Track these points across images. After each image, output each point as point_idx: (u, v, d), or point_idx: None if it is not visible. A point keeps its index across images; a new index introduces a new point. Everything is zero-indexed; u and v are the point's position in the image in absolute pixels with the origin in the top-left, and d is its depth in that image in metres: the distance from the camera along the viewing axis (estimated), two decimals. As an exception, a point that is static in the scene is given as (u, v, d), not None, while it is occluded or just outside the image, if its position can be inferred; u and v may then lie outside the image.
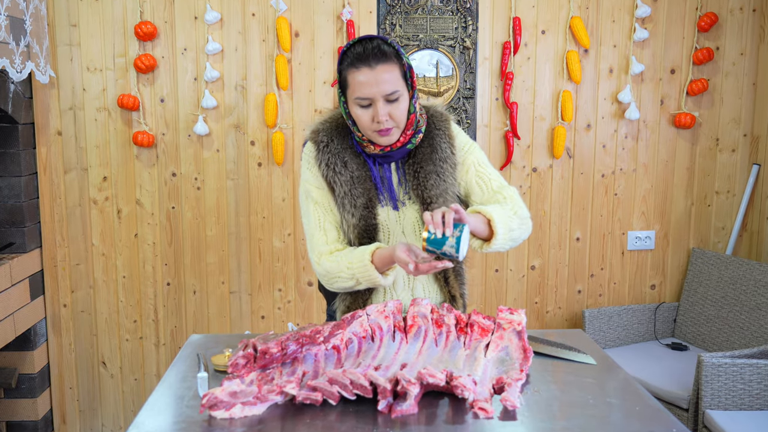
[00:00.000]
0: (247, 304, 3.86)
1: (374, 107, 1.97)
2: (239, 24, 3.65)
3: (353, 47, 1.98)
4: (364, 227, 2.08)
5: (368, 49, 1.96)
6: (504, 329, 1.98)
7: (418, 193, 2.11)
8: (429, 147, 2.12)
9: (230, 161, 3.74)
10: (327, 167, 2.07)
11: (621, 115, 3.83)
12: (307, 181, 2.14)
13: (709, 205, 3.95)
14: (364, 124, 2.00)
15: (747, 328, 3.53)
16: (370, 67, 1.94)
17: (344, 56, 1.99)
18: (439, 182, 2.11)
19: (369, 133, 2.02)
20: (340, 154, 2.08)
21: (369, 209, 2.08)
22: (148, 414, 1.69)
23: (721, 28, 3.79)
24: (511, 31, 3.71)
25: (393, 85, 1.96)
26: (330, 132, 2.10)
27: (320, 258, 2.09)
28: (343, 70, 1.99)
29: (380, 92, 1.95)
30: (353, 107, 2.00)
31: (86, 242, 3.76)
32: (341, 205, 2.08)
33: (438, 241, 1.82)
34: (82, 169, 3.70)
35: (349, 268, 2.01)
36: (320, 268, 2.09)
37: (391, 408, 1.65)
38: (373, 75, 1.94)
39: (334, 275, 2.06)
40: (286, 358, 1.86)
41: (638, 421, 1.66)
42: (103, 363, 3.86)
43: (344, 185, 2.07)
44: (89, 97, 3.66)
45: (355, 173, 2.08)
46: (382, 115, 1.96)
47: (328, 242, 2.10)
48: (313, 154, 2.11)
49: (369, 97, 1.96)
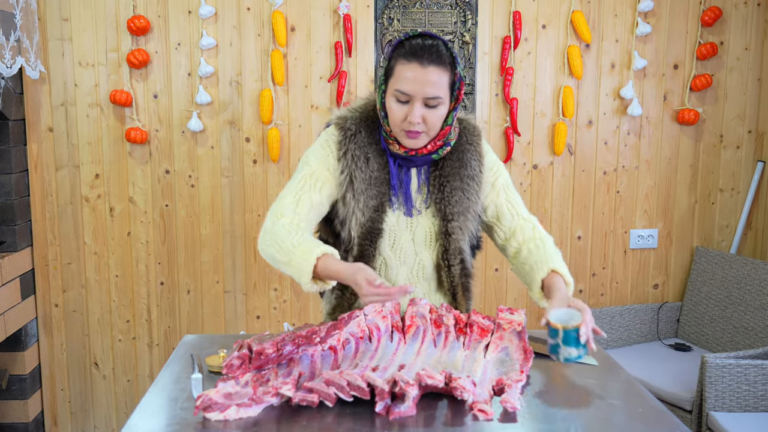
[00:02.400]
0: (242, 303, 3.86)
1: (411, 106, 1.93)
2: (234, 18, 3.65)
3: (412, 39, 1.95)
4: (369, 229, 2.06)
5: (426, 46, 1.92)
6: (504, 329, 1.98)
7: (440, 207, 2.09)
8: (458, 161, 2.10)
9: (225, 158, 3.74)
10: (352, 159, 2.04)
11: (623, 111, 3.83)
12: (316, 157, 2.08)
13: (713, 202, 3.95)
14: (396, 120, 1.97)
15: (751, 329, 3.53)
16: (422, 64, 1.90)
17: (400, 45, 1.95)
18: (463, 199, 2.10)
19: (397, 130, 1.99)
20: (364, 149, 2.05)
21: (379, 212, 2.06)
22: (141, 416, 1.69)
23: (726, 22, 3.79)
24: (511, 26, 3.71)
25: (437, 89, 1.93)
26: (359, 122, 2.07)
27: (279, 218, 1.99)
28: (394, 58, 1.96)
29: (422, 93, 1.91)
30: (390, 98, 1.96)
31: (78, 241, 3.75)
32: (355, 200, 2.04)
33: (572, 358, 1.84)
34: (73, 166, 3.70)
35: (294, 247, 1.92)
36: (272, 226, 1.99)
37: (389, 410, 1.65)
38: (421, 73, 1.90)
39: (277, 242, 1.95)
40: (282, 358, 1.86)
41: (641, 423, 1.66)
42: (96, 364, 3.86)
43: (363, 182, 2.04)
44: (81, 93, 3.66)
45: (374, 173, 2.05)
46: (415, 116, 1.93)
47: (296, 211, 2.01)
48: (337, 138, 2.06)
49: (409, 94, 1.92)
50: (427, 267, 2.17)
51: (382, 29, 3.66)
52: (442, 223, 2.10)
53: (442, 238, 2.11)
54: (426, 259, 2.15)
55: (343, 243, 2.11)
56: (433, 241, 2.14)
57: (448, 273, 2.15)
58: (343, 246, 2.12)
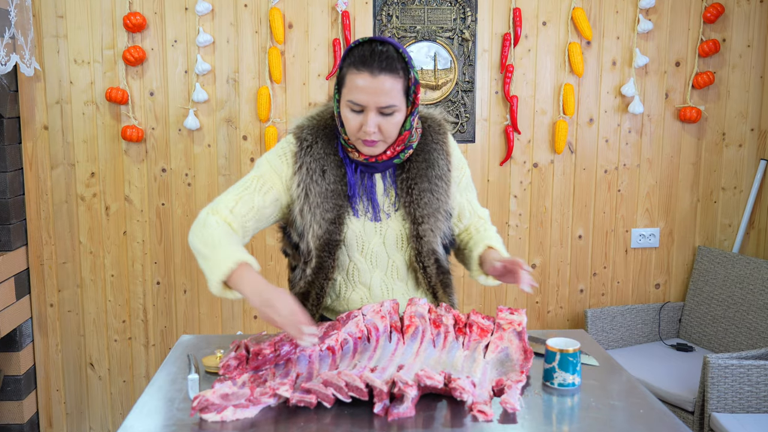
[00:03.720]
0: (239, 303, 3.86)
1: (365, 115, 1.90)
2: (231, 15, 3.65)
3: (361, 46, 1.91)
4: (327, 241, 2.04)
5: (376, 53, 1.88)
6: (504, 330, 1.98)
7: (409, 211, 2.08)
8: (425, 162, 2.08)
9: (222, 156, 3.74)
10: (307, 173, 2.02)
11: (624, 108, 3.84)
12: (269, 163, 2.06)
13: (715, 201, 3.95)
14: (351, 130, 1.95)
15: (754, 329, 3.53)
16: (372, 73, 1.87)
17: (349, 53, 1.92)
18: (433, 200, 2.08)
19: (353, 138, 1.97)
20: (320, 161, 2.02)
21: (336, 224, 2.04)
22: (137, 417, 1.69)
23: (728, 19, 3.79)
24: (511, 23, 3.71)
25: (391, 98, 1.89)
26: (315, 132, 2.04)
27: (212, 214, 1.97)
28: (345, 67, 1.92)
29: (375, 102, 1.88)
30: (344, 108, 1.94)
31: (73, 240, 3.75)
32: (311, 214, 2.02)
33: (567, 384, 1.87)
34: (69, 164, 3.69)
35: (219, 243, 1.88)
36: (204, 218, 1.96)
37: (388, 411, 1.65)
38: (372, 83, 1.87)
39: (204, 234, 1.92)
40: (280, 359, 1.86)
41: (642, 424, 1.66)
42: (91, 364, 3.86)
43: (318, 196, 2.01)
44: (76, 91, 3.65)
45: (330, 185, 2.02)
46: (370, 126, 1.90)
47: (232, 211, 1.98)
48: (293, 150, 2.04)
49: (362, 104, 1.89)
50: (401, 268, 2.16)
51: (381, 26, 3.66)
52: (413, 226, 2.08)
53: (413, 240, 2.10)
54: (399, 261, 2.15)
55: (302, 254, 2.10)
56: (404, 243, 2.12)
57: (424, 274, 2.15)
58: (302, 257, 2.10)
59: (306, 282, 2.12)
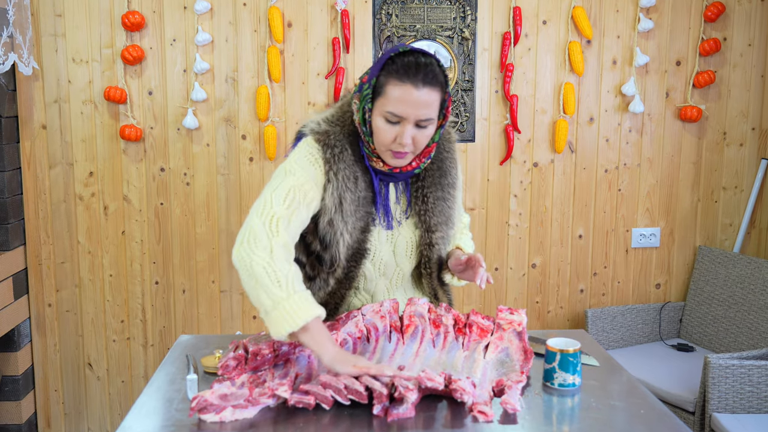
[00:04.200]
0: (238, 303, 3.86)
1: (402, 127, 1.87)
2: (230, 14, 3.64)
3: (405, 56, 1.86)
4: (356, 250, 2.02)
5: (420, 65, 1.84)
6: (504, 330, 1.98)
7: (424, 219, 2.07)
8: (438, 170, 2.08)
9: (221, 156, 3.74)
10: (342, 181, 1.93)
11: (625, 108, 3.83)
12: (302, 168, 1.94)
13: (716, 201, 3.95)
14: (383, 140, 1.90)
15: (755, 329, 3.53)
16: (415, 86, 1.83)
17: (391, 62, 1.86)
18: (445, 208, 2.09)
19: (382, 149, 1.92)
20: (352, 168, 1.95)
21: (365, 233, 2.01)
22: (135, 417, 1.69)
23: (729, 18, 3.79)
24: (511, 21, 3.71)
25: (430, 111, 1.86)
26: (342, 138, 1.97)
27: (274, 235, 1.81)
28: (384, 75, 1.87)
29: (415, 115, 1.85)
30: (378, 118, 1.88)
31: (72, 240, 3.75)
32: (344, 223, 1.95)
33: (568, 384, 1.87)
34: (67, 163, 3.69)
35: (293, 291, 1.73)
36: (270, 242, 1.79)
37: (387, 411, 1.65)
38: (416, 95, 1.83)
39: (275, 270, 1.75)
40: (279, 359, 1.86)
41: (643, 424, 1.66)
42: (89, 364, 3.86)
43: (352, 204, 1.95)
44: (75, 90, 3.65)
45: (362, 193, 1.98)
46: (406, 138, 1.87)
47: (288, 230, 1.85)
48: (323, 155, 1.94)
49: (402, 116, 1.85)
50: (407, 276, 2.17)
51: (380, 25, 3.66)
52: (426, 234, 2.08)
53: (425, 248, 2.10)
54: (406, 268, 2.15)
55: (324, 264, 2.03)
56: (413, 251, 2.13)
57: (429, 279, 2.16)
58: (325, 267, 2.04)
59: (327, 293, 2.08)
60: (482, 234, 3.85)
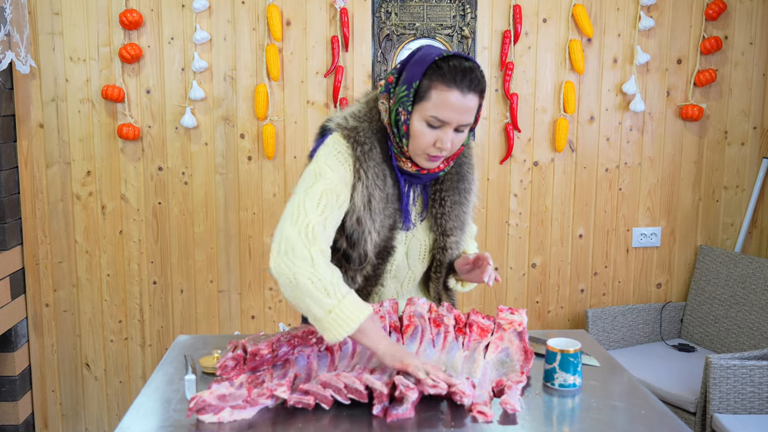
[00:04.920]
0: (236, 303, 3.86)
1: (443, 131, 1.86)
2: (228, 12, 3.64)
3: (448, 61, 1.85)
4: (383, 248, 2.02)
5: (467, 71, 1.84)
6: (504, 330, 1.98)
7: (440, 223, 2.07)
8: (456, 175, 2.08)
9: (219, 155, 3.73)
10: (371, 179, 1.92)
11: (626, 106, 3.83)
12: (332, 169, 1.91)
13: (717, 200, 3.95)
14: (421, 144, 1.88)
15: (757, 329, 3.53)
16: (462, 92, 1.83)
17: (437, 66, 1.85)
18: (461, 213, 2.10)
19: (418, 152, 1.91)
20: (381, 166, 1.94)
21: (392, 231, 2.01)
22: (133, 418, 1.69)
23: (730, 16, 3.79)
24: (511, 20, 3.71)
25: (471, 117, 1.88)
26: (371, 135, 1.95)
27: (312, 243, 1.79)
28: (429, 78, 1.85)
29: (458, 121, 1.85)
30: (419, 122, 1.87)
31: (69, 239, 3.75)
32: (372, 221, 1.94)
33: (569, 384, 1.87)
34: (64, 163, 3.69)
35: (343, 295, 1.75)
36: (307, 252, 1.77)
37: (387, 412, 1.65)
38: (462, 101, 1.83)
39: (319, 278, 1.75)
40: (277, 359, 1.86)
41: (644, 425, 1.66)
42: (87, 365, 3.86)
43: (380, 202, 1.95)
44: (72, 88, 3.65)
45: (390, 190, 1.97)
46: (447, 143, 1.87)
47: (325, 236, 1.84)
48: (351, 152, 1.93)
49: (446, 122, 1.85)
50: (417, 279, 2.18)
51: (379, 23, 3.66)
52: (441, 237, 2.08)
53: (438, 252, 2.11)
54: (418, 272, 2.16)
55: (352, 263, 2.01)
56: (426, 254, 2.13)
57: (437, 284, 2.17)
58: (354, 265, 2.02)
59: (354, 290, 2.03)
60: (482, 233, 3.85)
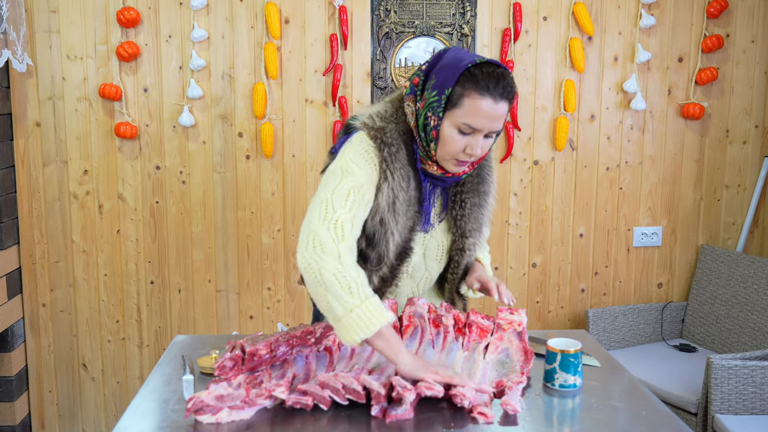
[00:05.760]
0: (234, 303, 3.86)
1: (473, 138, 1.88)
2: (226, 10, 3.64)
3: (480, 68, 1.85)
4: (403, 248, 2.02)
5: (500, 79, 1.85)
6: (504, 330, 1.98)
7: (459, 225, 2.08)
8: (477, 177, 2.10)
9: (217, 154, 3.73)
10: (397, 181, 1.93)
11: (626, 105, 3.83)
12: (359, 167, 1.91)
13: (718, 199, 3.95)
14: (451, 150, 1.89)
15: (758, 329, 3.53)
16: (494, 99, 1.84)
17: (471, 73, 1.85)
18: (480, 215, 2.11)
19: (447, 157, 1.92)
20: (406, 168, 1.95)
21: (411, 232, 2.02)
22: (130, 418, 1.69)
23: (732, 14, 3.79)
24: (511, 18, 3.71)
25: (501, 123, 1.89)
26: (398, 137, 1.95)
27: (341, 240, 1.80)
28: (462, 85, 1.85)
29: (490, 128, 1.87)
30: (449, 128, 1.87)
31: (66, 239, 3.75)
32: (394, 222, 1.95)
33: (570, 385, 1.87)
34: (61, 161, 3.69)
35: (366, 296, 1.75)
36: (335, 248, 1.78)
37: (386, 412, 1.65)
38: (494, 109, 1.85)
39: (345, 276, 1.76)
40: (276, 360, 1.86)
41: (645, 426, 1.66)
42: (84, 365, 3.86)
43: (404, 203, 1.95)
44: (69, 87, 3.65)
45: (413, 192, 1.98)
46: (478, 150, 1.88)
47: (352, 233, 1.85)
48: (375, 152, 1.93)
49: (478, 129, 1.86)
50: (433, 279, 2.20)
51: (378, 21, 3.66)
52: (460, 239, 2.09)
53: (456, 253, 2.12)
54: (434, 272, 2.17)
55: (370, 263, 2.01)
56: (443, 255, 2.14)
57: (453, 283, 2.18)
58: (371, 265, 2.01)
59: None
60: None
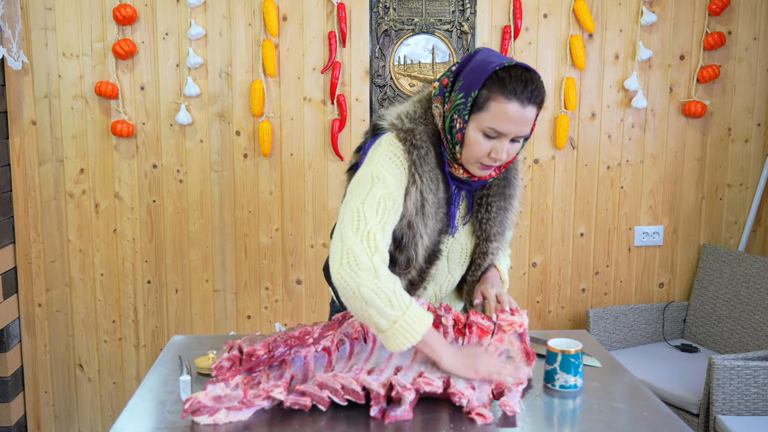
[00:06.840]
0: (232, 303, 3.86)
1: (499, 142, 1.86)
2: (224, 7, 3.64)
3: (508, 71, 1.84)
4: (432, 252, 2.02)
5: (528, 83, 1.83)
6: (504, 331, 1.98)
7: (484, 228, 2.07)
8: (504, 180, 2.09)
9: (214, 152, 3.73)
10: (426, 183, 1.92)
11: (627, 103, 3.83)
12: (390, 173, 1.90)
13: (720, 198, 3.95)
14: (476, 153, 1.88)
15: (761, 329, 3.54)
16: (522, 104, 1.82)
17: (498, 77, 1.83)
18: (505, 219, 2.10)
19: (471, 161, 1.91)
20: (435, 171, 1.94)
21: (440, 235, 2.02)
22: (127, 419, 1.69)
23: (734, 11, 3.79)
24: (511, 15, 3.71)
25: (528, 128, 1.87)
26: (427, 139, 1.94)
27: (374, 252, 1.79)
28: (489, 89, 1.84)
29: (516, 132, 1.85)
30: (475, 131, 1.87)
31: (62, 238, 3.74)
32: (423, 225, 1.94)
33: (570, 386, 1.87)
34: (57, 160, 3.69)
35: (407, 305, 1.76)
36: (369, 262, 1.77)
37: (385, 413, 1.65)
38: (521, 113, 1.83)
39: (382, 289, 1.75)
40: (274, 360, 1.86)
41: (646, 426, 1.66)
42: (80, 365, 3.85)
43: (433, 206, 1.95)
44: (65, 85, 3.64)
45: (441, 195, 1.97)
46: (503, 154, 1.87)
47: (385, 243, 1.84)
48: (404, 155, 1.92)
49: (503, 133, 1.85)
50: (456, 282, 2.20)
51: (377, 18, 3.66)
52: (484, 243, 2.09)
53: (479, 257, 2.12)
54: (457, 275, 2.18)
55: (398, 266, 2.00)
56: (466, 258, 2.14)
57: (471, 285, 2.18)
58: (399, 268, 2.01)
59: None
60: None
